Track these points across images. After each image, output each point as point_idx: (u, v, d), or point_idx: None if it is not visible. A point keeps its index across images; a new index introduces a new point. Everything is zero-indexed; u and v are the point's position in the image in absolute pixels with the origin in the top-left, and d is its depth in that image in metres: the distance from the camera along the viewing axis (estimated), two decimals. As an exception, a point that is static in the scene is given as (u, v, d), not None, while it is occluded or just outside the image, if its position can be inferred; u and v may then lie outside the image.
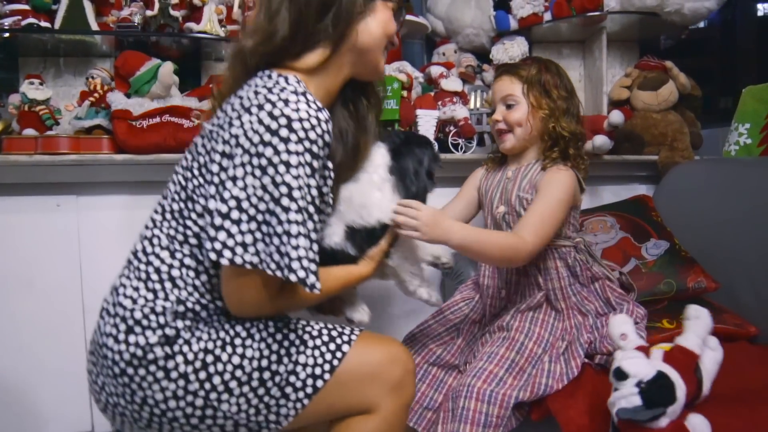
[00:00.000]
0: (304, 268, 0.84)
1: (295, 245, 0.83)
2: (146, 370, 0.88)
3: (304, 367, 0.93)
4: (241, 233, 0.84)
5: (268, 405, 0.92)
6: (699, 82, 1.93)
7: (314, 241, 0.87)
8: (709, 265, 1.42)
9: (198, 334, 0.90)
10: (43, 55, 1.61)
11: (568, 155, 1.23)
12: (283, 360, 0.93)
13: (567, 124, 1.23)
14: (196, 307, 0.92)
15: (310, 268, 0.85)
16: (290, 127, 0.84)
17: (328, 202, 0.99)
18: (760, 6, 2.52)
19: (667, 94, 1.83)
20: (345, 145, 1.03)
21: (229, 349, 0.90)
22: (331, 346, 0.96)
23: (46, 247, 1.47)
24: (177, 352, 0.88)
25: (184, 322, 0.90)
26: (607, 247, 1.51)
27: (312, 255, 0.86)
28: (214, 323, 0.93)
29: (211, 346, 0.90)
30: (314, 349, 0.95)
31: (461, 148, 1.67)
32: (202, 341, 0.90)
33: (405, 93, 1.66)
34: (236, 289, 0.89)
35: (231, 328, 0.92)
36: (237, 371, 0.90)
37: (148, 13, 1.58)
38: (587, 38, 2.02)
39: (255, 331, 0.93)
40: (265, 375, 0.91)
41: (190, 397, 0.89)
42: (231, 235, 0.83)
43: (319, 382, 0.93)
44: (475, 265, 1.45)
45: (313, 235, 0.87)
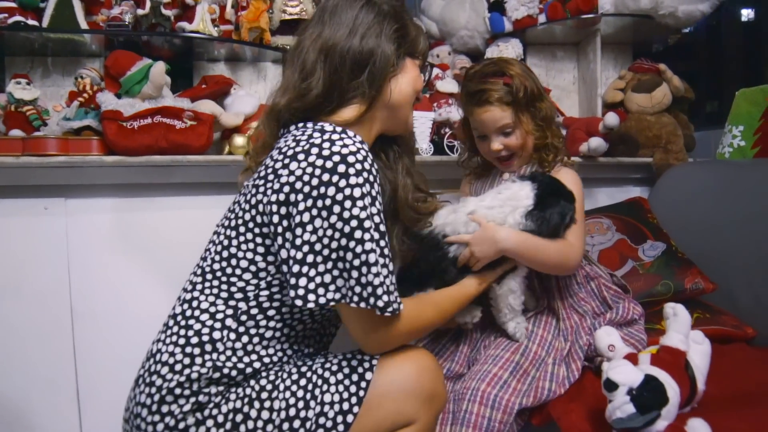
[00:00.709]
0: (387, 293, 0.87)
1: (376, 272, 0.86)
2: None
3: (332, 406, 0.92)
4: (320, 274, 0.86)
5: None
6: (685, 86, 1.94)
7: (391, 265, 0.90)
8: (706, 267, 1.42)
9: (227, 395, 0.90)
10: (31, 54, 1.57)
11: (559, 152, 1.24)
12: (310, 404, 0.92)
13: (556, 130, 1.25)
14: (233, 372, 0.91)
15: (390, 291, 0.88)
16: (345, 162, 0.87)
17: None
18: (744, 11, 2.56)
19: (660, 97, 1.84)
20: (383, 195, 1.02)
21: (257, 404, 0.90)
22: (354, 377, 0.94)
23: (34, 252, 1.44)
24: (207, 416, 0.89)
25: (218, 387, 0.90)
26: (604, 249, 1.51)
27: (392, 279, 0.89)
28: (241, 382, 0.92)
29: (239, 405, 0.90)
30: (337, 384, 0.94)
31: (457, 150, 1.66)
32: (231, 402, 0.90)
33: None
34: (350, 329, 0.93)
35: (256, 383, 0.92)
36: (268, 426, 0.89)
37: (140, 11, 1.56)
38: (581, 40, 2.02)
39: (279, 382, 0.93)
40: (295, 424, 0.90)
41: None
42: (311, 279, 0.86)
43: (350, 417, 0.92)
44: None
45: (389, 260, 0.90)
